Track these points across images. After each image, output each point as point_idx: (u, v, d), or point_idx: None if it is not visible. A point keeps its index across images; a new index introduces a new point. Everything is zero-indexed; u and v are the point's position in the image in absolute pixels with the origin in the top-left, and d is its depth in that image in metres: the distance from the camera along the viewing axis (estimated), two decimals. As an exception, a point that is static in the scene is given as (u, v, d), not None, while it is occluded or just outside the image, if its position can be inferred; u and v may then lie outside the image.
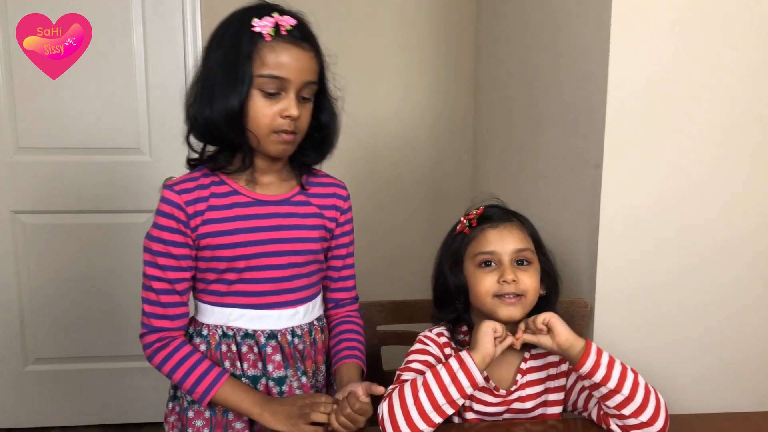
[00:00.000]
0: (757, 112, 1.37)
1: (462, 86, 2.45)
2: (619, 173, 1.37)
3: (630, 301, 1.41)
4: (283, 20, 1.06)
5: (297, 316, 1.22)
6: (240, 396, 1.12)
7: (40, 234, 2.35)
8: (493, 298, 1.12)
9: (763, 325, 1.44)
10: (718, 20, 1.33)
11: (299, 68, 1.07)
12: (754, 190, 1.40)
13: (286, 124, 1.08)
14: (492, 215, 1.19)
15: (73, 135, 2.29)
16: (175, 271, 1.14)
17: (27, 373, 2.42)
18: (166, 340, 1.15)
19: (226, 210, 1.14)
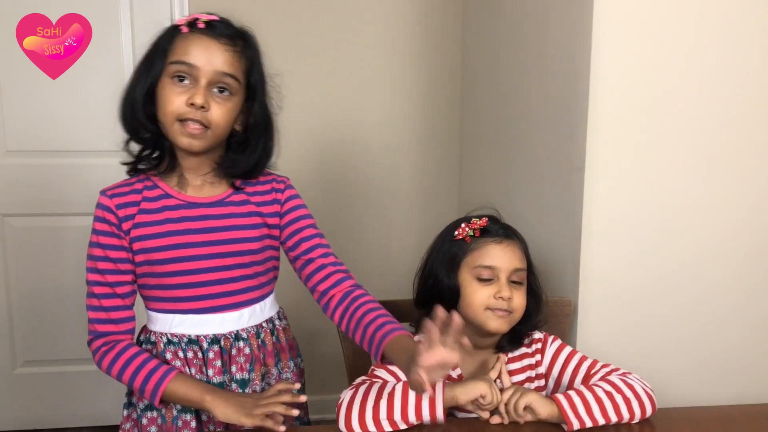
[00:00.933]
0: (737, 114, 1.41)
1: (448, 90, 2.46)
2: (601, 175, 1.41)
3: (612, 301, 1.45)
4: (200, 16, 1.09)
5: (242, 319, 1.20)
6: (189, 387, 1.10)
7: (28, 237, 2.35)
8: (485, 311, 1.16)
9: (742, 323, 1.48)
10: (698, 25, 1.37)
11: (209, 57, 1.07)
12: (734, 191, 1.44)
13: (192, 112, 1.07)
14: (493, 230, 1.21)
15: (62, 138, 2.29)
16: (114, 275, 1.14)
17: (16, 376, 2.42)
18: (111, 344, 1.15)
19: (157, 213, 1.14)
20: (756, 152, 1.43)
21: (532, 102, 1.73)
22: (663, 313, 1.46)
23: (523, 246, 1.23)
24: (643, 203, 1.43)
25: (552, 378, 1.23)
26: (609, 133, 1.40)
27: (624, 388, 1.12)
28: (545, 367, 1.24)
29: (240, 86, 1.12)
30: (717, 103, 1.41)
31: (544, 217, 1.62)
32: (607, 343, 1.44)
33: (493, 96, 2.08)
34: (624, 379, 1.14)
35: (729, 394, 1.46)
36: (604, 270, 1.44)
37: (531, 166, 1.74)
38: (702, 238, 1.45)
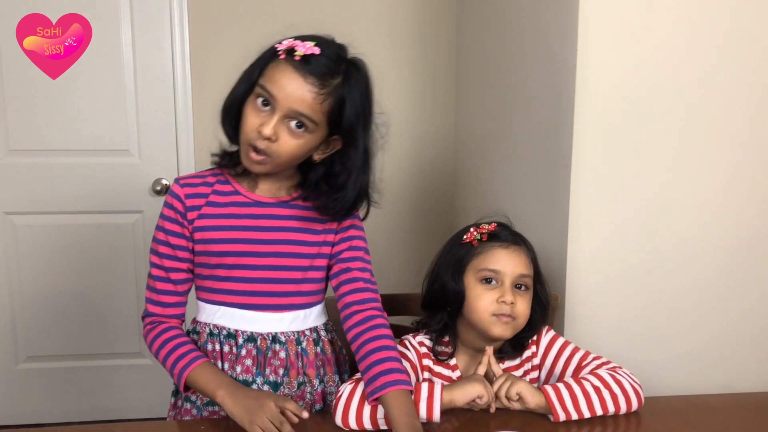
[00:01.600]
0: (717, 112, 1.46)
1: (443, 92, 2.51)
2: (587, 173, 1.46)
3: (598, 293, 1.50)
4: (301, 46, 1.06)
5: (283, 323, 1.21)
6: (209, 378, 1.11)
7: (31, 234, 2.39)
8: (490, 316, 1.18)
9: (724, 314, 1.53)
10: (682, 24, 1.42)
11: (289, 93, 1.05)
12: (715, 186, 1.49)
13: (259, 140, 1.07)
14: (501, 235, 1.23)
15: (64, 137, 2.33)
16: (171, 260, 1.18)
17: (19, 371, 2.46)
18: (155, 323, 1.19)
19: (223, 207, 1.17)
20: (736, 149, 1.48)
21: (521, 102, 1.78)
22: (647, 305, 1.51)
23: (530, 253, 1.24)
24: (627, 199, 1.47)
25: (545, 368, 1.26)
26: (594, 133, 1.44)
27: (612, 384, 1.15)
28: (539, 358, 1.27)
29: (318, 125, 1.09)
30: (698, 103, 1.45)
31: (533, 213, 1.67)
32: (594, 335, 1.49)
33: (486, 97, 2.13)
34: (613, 375, 1.16)
35: (711, 384, 1.51)
36: (590, 264, 1.49)
37: (520, 164, 1.79)
38: (684, 232, 1.49)
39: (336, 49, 1.11)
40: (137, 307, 2.47)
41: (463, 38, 2.38)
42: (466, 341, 1.25)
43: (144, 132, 2.37)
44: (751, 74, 1.45)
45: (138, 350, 2.52)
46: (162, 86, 2.36)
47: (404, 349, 1.24)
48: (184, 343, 1.16)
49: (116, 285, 2.45)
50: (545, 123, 1.60)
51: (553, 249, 1.54)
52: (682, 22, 1.42)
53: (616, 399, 1.14)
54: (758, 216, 1.50)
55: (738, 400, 1.25)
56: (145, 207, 2.42)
